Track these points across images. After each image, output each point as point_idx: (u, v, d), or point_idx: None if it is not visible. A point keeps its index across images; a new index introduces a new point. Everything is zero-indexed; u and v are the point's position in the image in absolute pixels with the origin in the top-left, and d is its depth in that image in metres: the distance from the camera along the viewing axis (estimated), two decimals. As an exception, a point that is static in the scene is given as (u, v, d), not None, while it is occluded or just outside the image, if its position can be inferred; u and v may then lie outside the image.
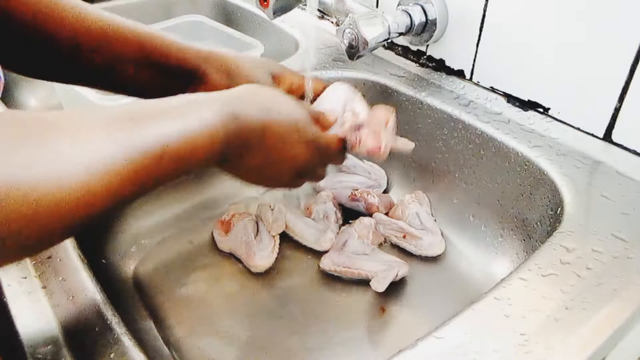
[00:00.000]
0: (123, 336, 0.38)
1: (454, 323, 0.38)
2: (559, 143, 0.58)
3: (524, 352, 0.36)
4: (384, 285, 0.56)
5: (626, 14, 0.50)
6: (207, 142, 0.34)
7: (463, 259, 0.63)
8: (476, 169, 0.63)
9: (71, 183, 0.27)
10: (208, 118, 0.35)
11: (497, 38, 0.62)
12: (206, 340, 0.54)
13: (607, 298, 0.40)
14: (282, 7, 0.74)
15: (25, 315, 0.39)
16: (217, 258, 0.63)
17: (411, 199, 0.67)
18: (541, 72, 0.60)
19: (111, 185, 0.28)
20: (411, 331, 0.55)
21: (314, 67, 0.74)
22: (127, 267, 0.61)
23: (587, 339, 0.37)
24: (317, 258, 0.62)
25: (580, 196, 0.50)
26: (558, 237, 0.46)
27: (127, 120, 0.31)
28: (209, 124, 0.35)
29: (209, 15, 0.97)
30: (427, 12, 0.65)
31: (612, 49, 0.53)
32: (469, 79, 0.68)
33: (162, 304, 0.58)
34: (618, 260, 0.43)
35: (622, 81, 0.53)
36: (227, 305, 0.57)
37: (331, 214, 0.67)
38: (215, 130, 0.35)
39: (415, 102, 0.68)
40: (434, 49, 0.71)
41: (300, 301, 0.58)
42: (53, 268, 0.43)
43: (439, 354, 0.36)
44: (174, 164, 0.32)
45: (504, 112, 0.63)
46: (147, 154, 0.30)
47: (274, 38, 0.90)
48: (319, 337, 0.54)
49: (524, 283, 0.41)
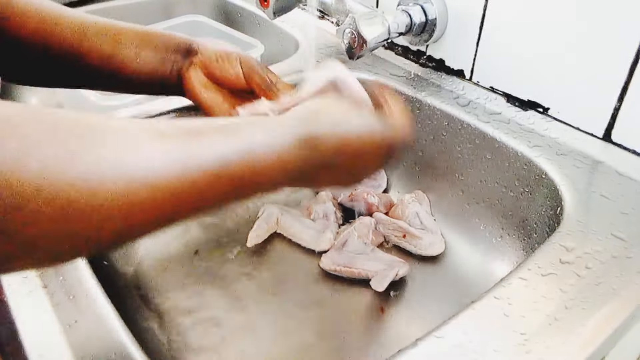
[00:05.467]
0: (124, 336, 0.38)
1: (454, 323, 0.38)
2: (559, 143, 0.58)
3: (524, 352, 0.36)
4: (384, 285, 0.56)
5: (626, 13, 0.51)
6: (276, 165, 0.31)
7: (463, 259, 0.63)
8: (476, 168, 0.63)
9: (111, 189, 0.24)
10: (278, 139, 0.32)
11: (497, 38, 0.62)
12: (206, 340, 0.54)
13: (606, 297, 0.40)
14: (283, 7, 0.74)
15: (25, 314, 0.39)
16: (218, 259, 0.63)
17: (411, 199, 0.67)
18: (541, 72, 0.60)
19: (156, 199, 0.26)
20: (411, 331, 0.55)
21: (314, 67, 0.74)
22: (128, 268, 0.61)
23: (586, 338, 0.37)
24: (317, 258, 0.62)
25: (579, 196, 0.50)
26: (558, 236, 0.46)
27: (183, 134, 0.28)
28: (279, 146, 0.32)
29: (209, 15, 0.97)
30: (427, 12, 0.65)
31: (612, 49, 0.53)
32: (468, 79, 0.68)
33: (162, 304, 0.58)
34: (617, 260, 0.43)
35: (622, 81, 0.53)
36: (228, 305, 0.57)
37: (331, 214, 0.67)
38: (287, 153, 0.32)
39: (415, 102, 0.68)
40: (433, 49, 0.71)
41: (300, 301, 0.58)
42: (54, 267, 0.43)
43: (439, 353, 0.36)
44: (234, 187, 0.30)
45: (503, 112, 0.63)
46: (202, 172, 0.28)
47: (274, 38, 0.90)
48: (318, 336, 0.54)
49: (523, 283, 0.41)
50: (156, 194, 0.26)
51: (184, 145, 0.28)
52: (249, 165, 0.30)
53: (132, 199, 0.25)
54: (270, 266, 0.62)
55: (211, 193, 0.29)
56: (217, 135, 0.29)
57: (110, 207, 0.24)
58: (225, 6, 1.04)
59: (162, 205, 0.26)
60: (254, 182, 0.31)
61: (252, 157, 0.30)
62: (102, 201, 0.24)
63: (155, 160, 0.26)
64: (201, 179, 0.28)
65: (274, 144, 0.31)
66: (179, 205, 0.27)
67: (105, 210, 0.24)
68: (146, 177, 0.26)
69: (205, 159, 0.28)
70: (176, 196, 0.27)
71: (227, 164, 0.29)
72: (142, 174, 0.25)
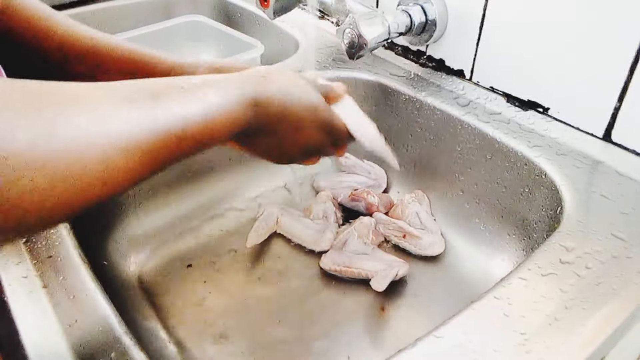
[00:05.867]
0: (124, 336, 0.38)
1: (454, 323, 0.38)
2: (559, 143, 0.58)
3: (524, 352, 0.36)
4: (383, 285, 0.56)
5: (626, 13, 0.51)
6: (228, 124, 0.35)
7: (463, 259, 0.63)
8: (476, 168, 0.63)
9: (90, 157, 0.26)
10: (230, 100, 0.35)
11: (497, 38, 0.62)
12: (206, 340, 0.54)
13: (606, 297, 0.40)
14: (282, 7, 0.74)
15: (25, 314, 0.39)
16: (218, 259, 0.63)
17: (411, 199, 0.67)
18: (541, 72, 0.60)
19: (131, 162, 0.28)
20: (411, 331, 0.55)
21: (314, 67, 0.74)
22: (127, 268, 0.61)
23: (586, 338, 0.37)
24: (317, 258, 0.62)
25: (579, 196, 0.50)
26: (558, 236, 0.46)
27: (148, 98, 0.31)
28: (231, 106, 0.35)
29: (209, 15, 0.97)
30: (427, 12, 0.65)
31: (612, 49, 0.53)
32: (468, 79, 0.68)
33: (163, 304, 0.58)
34: (617, 260, 0.43)
35: (622, 81, 0.53)
36: (228, 305, 0.57)
37: (331, 214, 0.67)
38: (236, 113, 0.35)
39: (415, 102, 0.68)
40: (433, 49, 0.71)
41: (301, 301, 0.58)
42: (54, 267, 0.43)
43: (438, 353, 0.36)
44: (194, 144, 0.33)
45: (503, 112, 0.63)
46: (168, 134, 0.30)
47: (274, 38, 0.90)
48: (319, 336, 0.54)
49: (523, 282, 0.41)
50: (130, 158, 0.28)
51: (151, 110, 0.30)
52: (205, 124, 0.33)
53: (109, 165, 0.27)
54: (270, 266, 0.62)
55: (176, 152, 0.32)
56: (179, 97, 0.32)
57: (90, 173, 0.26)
58: (225, 6, 1.04)
59: (135, 167, 0.29)
60: (210, 138, 0.34)
61: (208, 117, 0.33)
62: (82, 169, 0.26)
63: (127, 125, 0.28)
64: (168, 140, 0.31)
65: (225, 103, 0.35)
66: (150, 164, 0.30)
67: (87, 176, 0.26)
68: (120, 142, 0.28)
69: (171, 122, 0.31)
70: (148, 157, 0.29)
71: (189, 125, 0.32)
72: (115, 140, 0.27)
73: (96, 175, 0.27)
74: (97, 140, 0.27)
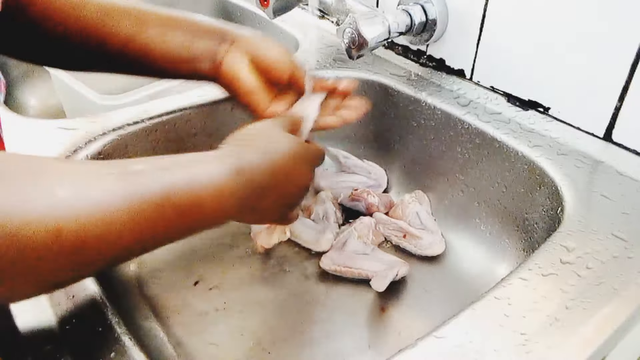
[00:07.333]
0: (123, 335, 0.38)
1: (454, 323, 0.38)
2: (559, 143, 0.58)
3: (524, 352, 0.36)
4: (384, 285, 0.56)
5: (626, 13, 0.50)
6: (215, 197, 0.34)
7: (463, 259, 0.63)
8: (476, 168, 0.63)
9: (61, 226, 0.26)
10: (214, 173, 0.34)
11: (498, 38, 0.62)
12: (207, 340, 0.54)
13: (607, 298, 0.40)
14: (283, 6, 0.74)
15: (25, 314, 0.39)
16: (218, 259, 0.63)
17: (411, 199, 0.67)
18: (541, 72, 0.60)
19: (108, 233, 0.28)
20: (411, 331, 0.55)
21: (314, 66, 0.74)
22: (127, 267, 0.61)
23: (587, 338, 0.37)
24: (317, 258, 0.62)
25: (580, 196, 0.50)
26: (558, 236, 0.46)
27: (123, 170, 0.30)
28: (215, 179, 0.34)
29: (209, 15, 0.97)
30: (427, 11, 0.65)
31: (613, 49, 0.53)
32: (469, 79, 0.68)
33: (162, 303, 0.58)
34: (618, 260, 0.43)
35: (623, 81, 0.53)
36: (228, 305, 0.57)
37: (331, 214, 0.67)
38: (222, 186, 0.35)
39: (415, 102, 0.68)
40: (434, 49, 0.71)
41: (301, 301, 0.58)
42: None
43: (439, 353, 0.36)
44: (178, 217, 0.32)
45: (504, 112, 0.63)
46: (146, 202, 0.30)
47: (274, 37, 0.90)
48: (319, 336, 0.54)
49: (524, 283, 0.41)
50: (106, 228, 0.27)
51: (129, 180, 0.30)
52: (188, 195, 0.32)
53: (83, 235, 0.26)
54: (270, 266, 0.62)
55: (159, 224, 0.31)
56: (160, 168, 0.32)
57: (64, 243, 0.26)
58: (225, 6, 1.03)
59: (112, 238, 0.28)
60: (197, 213, 0.33)
61: (192, 188, 0.32)
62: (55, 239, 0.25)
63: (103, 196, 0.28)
64: (148, 209, 0.30)
65: (211, 174, 0.34)
66: (131, 237, 0.29)
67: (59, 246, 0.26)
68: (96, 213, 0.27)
69: (149, 190, 0.30)
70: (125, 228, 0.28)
71: (169, 195, 0.31)
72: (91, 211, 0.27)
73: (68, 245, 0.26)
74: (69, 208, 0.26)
